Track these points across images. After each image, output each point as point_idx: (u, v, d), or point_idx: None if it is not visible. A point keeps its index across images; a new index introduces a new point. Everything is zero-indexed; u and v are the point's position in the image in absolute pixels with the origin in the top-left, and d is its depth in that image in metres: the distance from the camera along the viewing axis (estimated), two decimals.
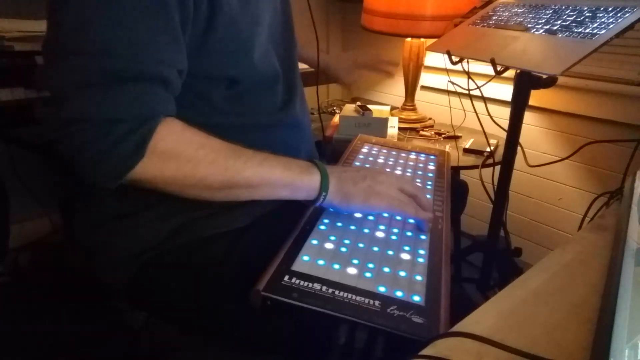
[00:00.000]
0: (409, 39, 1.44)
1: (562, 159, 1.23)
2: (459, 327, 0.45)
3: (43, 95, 0.98)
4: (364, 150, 0.93)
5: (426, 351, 0.42)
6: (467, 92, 1.12)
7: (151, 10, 0.53)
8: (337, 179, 0.63)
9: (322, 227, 0.64)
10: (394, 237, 0.63)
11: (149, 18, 0.53)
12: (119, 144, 0.51)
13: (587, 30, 0.86)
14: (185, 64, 0.59)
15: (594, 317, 0.45)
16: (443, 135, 1.43)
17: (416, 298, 0.52)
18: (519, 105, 1.02)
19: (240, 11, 0.64)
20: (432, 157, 0.94)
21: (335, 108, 1.67)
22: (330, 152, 1.22)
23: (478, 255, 1.27)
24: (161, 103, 0.55)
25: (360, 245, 0.60)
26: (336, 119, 1.42)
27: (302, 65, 0.96)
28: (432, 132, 1.45)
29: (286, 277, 0.52)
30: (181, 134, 0.56)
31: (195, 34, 0.60)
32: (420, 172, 0.86)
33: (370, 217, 0.67)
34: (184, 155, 0.56)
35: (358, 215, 0.68)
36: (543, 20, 0.98)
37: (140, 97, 0.53)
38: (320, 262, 0.56)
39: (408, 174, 0.85)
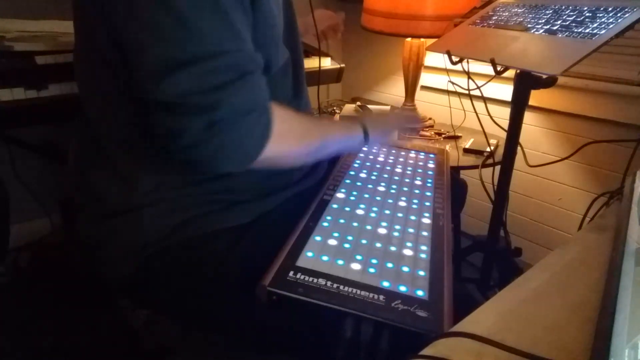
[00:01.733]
0: (409, 39, 1.44)
1: (562, 159, 1.23)
2: (459, 327, 0.45)
3: (43, 95, 0.98)
4: (364, 149, 0.93)
5: (426, 351, 0.42)
6: (467, 92, 1.12)
7: (235, 7, 0.56)
8: (371, 123, 0.80)
9: (325, 224, 0.64)
10: (396, 234, 0.64)
11: (237, 14, 0.56)
12: (252, 130, 0.57)
13: (587, 30, 0.86)
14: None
15: (594, 317, 0.45)
16: (443, 135, 1.43)
17: (420, 293, 0.52)
18: (519, 105, 1.02)
19: (271, 7, 0.65)
20: (432, 155, 0.94)
21: (335, 108, 1.66)
22: None
23: (478, 255, 1.27)
24: (267, 90, 0.60)
25: (363, 241, 0.61)
26: (336, 118, 1.42)
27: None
28: (432, 132, 1.45)
29: (291, 273, 0.53)
30: (284, 114, 0.64)
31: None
32: (420, 171, 0.86)
33: (373, 215, 0.68)
34: (293, 132, 0.66)
35: (360, 212, 0.68)
36: (543, 20, 0.98)
37: (257, 87, 0.58)
38: (324, 258, 0.57)
39: (408, 173, 0.85)
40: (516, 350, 0.40)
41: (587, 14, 0.92)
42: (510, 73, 1.03)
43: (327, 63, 1.32)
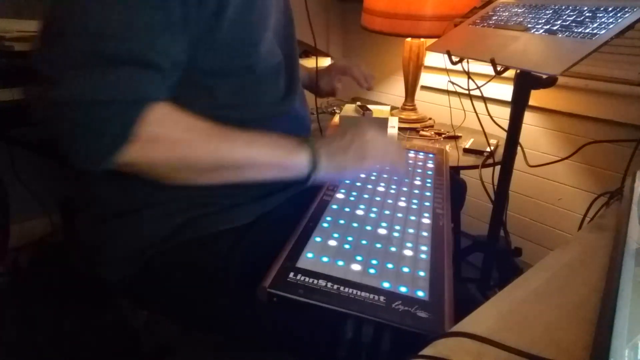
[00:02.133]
0: (409, 39, 1.44)
1: (562, 159, 1.23)
2: (459, 327, 0.45)
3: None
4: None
5: (426, 351, 0.42)
6: (467, 92, 1.12)
7: (150, 2, 0.53)
8: (326, 152, 0.64)
9: (325, 224, 0.64)
10: (396, 234, 0.64)
11: (147, 8, 0.53)
12: (107, 126, 0.52)
13: (587, 30, 0.86)
14: (182, 57, 0.59)
15: (594, 317, 0.45)
16: (443, 135, 1.43)
17: (420, 293, 0.52)
18: (519, 105, 1.02)
19: (248, 6, 0.64)
20: (431, 155, 0.94)
21: (335, 108, 1.66)
22: None
23: (478, 255, 1.27)
24: (151, 88, 0.55)
25: (363, 242, 0.61)
26: (336, 119, 1.42)
27: None
28: (432, 132, 1.45)
29: (292, 274, 0.53)
30: (168, 117, 0.57)
31: (203, 30, 0.60)
32: (419, 170, 0.86)
33: (373, 215, 0.68)
34: (170, 139, 0.56)
35: (360, 212, 0.68)
36: (543, 20, 0.98)
37: (129, 81, 0.53)
38: (325, 259, 0.57)
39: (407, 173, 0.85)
40: (516, 350, 0.40)
41: (587, 14, 0.92)
42: (510, 73, 1.03)
43: (326, 63, 1.32)
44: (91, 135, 0.52)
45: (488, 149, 1.26)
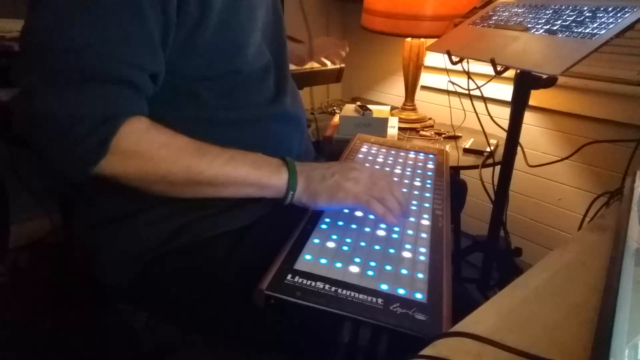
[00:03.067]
0: (409, 39, 1.44)
1: (562, 159, 1.23)
2: (459, 327, 0.45)
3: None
4: (363, 149, 0.93)
5: (426, 351, 0.42)
6: (467, 92, 1.12)
7: (124, 14, 0.54)
8: (305, 177, 0.63)
9: (324, 226, 0.64)
10: (395, 236, 0.63)
11: (121, 21, 0.54)
12: (81, 141, 0.53)
13: (587, 30, 0.86)
14: (159, 68, 0.59)
15: (594, 317, 0.45)
16: (443, 135, 1.43)
17: (418, 295, 0.52)
18: (519, 105, 1.02)
19: (232, 10, 0.64)
20: (431, 156, 0.94)
21: (335, 108, 1.66)
22: (329, 152, 1.22)
23: (478, 255, 1.27)
24: (126, 104, 0.56)
25: (362, 243, 0.61)
26: (336, 119, 1.42)
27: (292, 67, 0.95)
28: (432, 132, 1.45)
29: (289, 276, 0.53)
30: (145, 133, 0.57)
31: (185, 35, 0.60)
32: (419, 171, 0.86)
33: (371, 216, 0.67)
34: (145, 154, 0.57)
35: (359, 213, 0.68)
36: (543, 20, 0.98)
37: (103, 97, 0.54)
38: (323, 260, 0.56)
39: (407, 173, 0.85)
40: (516, 350, 0.40)
41: (587, 14, 0.92)
42: (510, 73, 1.03)
43: (326, 63, 1.32)
44: (68, 149, 0.53)
45: (488, 149, 1.26)
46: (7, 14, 1.21)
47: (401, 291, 0.52)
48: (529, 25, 0.98)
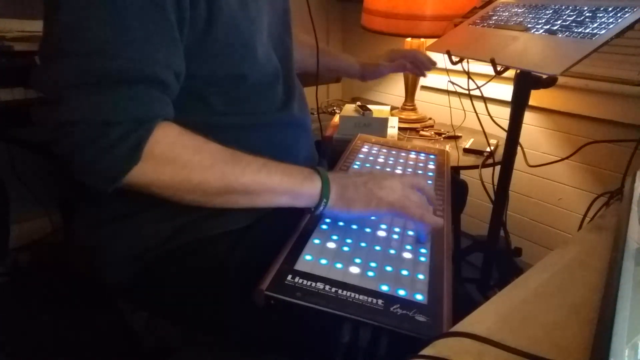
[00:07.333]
0: (409, 39, 1.44)
1: (562, 159, 1.23)
2: (459, 327, 0.45)
3: (42, 95, 0.98)
4: (364, 149, 0.93)
5: (426, 351, 0.42)
6: (467, 92, 1.12)
7: (147, 10, 0.52)
8: (338, 185, 0.62)
9: (324, 226, 0.64)
10: (395, 236, 0.63)
11: (144, 19, 0.52)
12: (114, 147, 0.51)
13: (587, 30, 0.86)
14: (182, 67, 0.58)
15: (594, 317, 0.45)
16: (443, 135, 1.43)
17: (419, 297, 0.52)
18: (519, 105, 1.02)
19: (239, 11, 0.63)
20: (432, 156, 0.94)
21: (335, 108, 1.66)
22: (330, 152, 1.22)
23: (478, 255, 1.27)
24: (158, 106, 0.54)
25: (362, 244, 0.60)
26: (336, 119, 1.42)
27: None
28: (432, 132, 1.45)
29: (289, 277, 0.52)
30: (178, 137, 0.55)
31: (194, 36, 0.59)
32: (420, 172, 0.86)
33: (372, 217, 0.67)
34: (180, 160, 0.55)
35: None
36: (543, 20, 0.98)
37: (135, 99, 0.52)
38: (323, 261, 0.56)
39: (408, 174, 0.85)
40: (516, 350, 0.40)
41: (587, 14, 0.92)
42: (510, 73, 1.03)
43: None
44: (98, 157, 0.51)
45: (488, 149, 1.26)
46: (7, 14, 1.21)
47: (401, 292, 0.52)
48: (529, 25, 0.98)
